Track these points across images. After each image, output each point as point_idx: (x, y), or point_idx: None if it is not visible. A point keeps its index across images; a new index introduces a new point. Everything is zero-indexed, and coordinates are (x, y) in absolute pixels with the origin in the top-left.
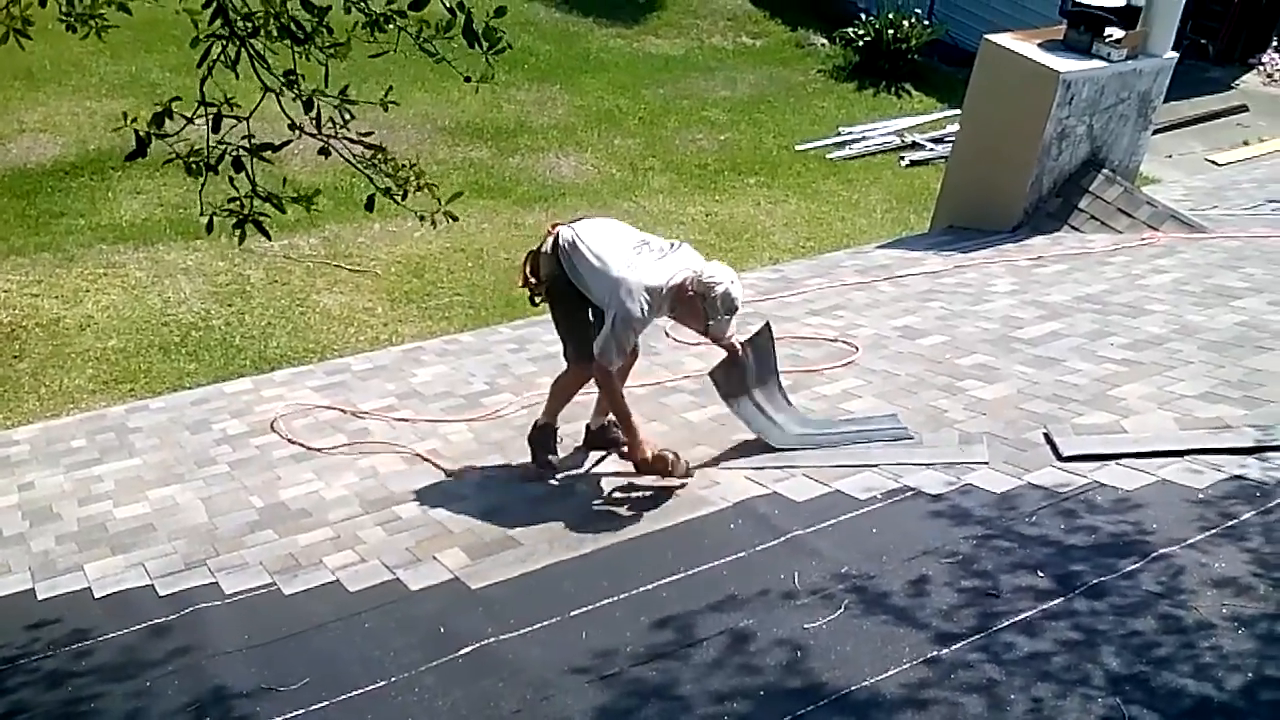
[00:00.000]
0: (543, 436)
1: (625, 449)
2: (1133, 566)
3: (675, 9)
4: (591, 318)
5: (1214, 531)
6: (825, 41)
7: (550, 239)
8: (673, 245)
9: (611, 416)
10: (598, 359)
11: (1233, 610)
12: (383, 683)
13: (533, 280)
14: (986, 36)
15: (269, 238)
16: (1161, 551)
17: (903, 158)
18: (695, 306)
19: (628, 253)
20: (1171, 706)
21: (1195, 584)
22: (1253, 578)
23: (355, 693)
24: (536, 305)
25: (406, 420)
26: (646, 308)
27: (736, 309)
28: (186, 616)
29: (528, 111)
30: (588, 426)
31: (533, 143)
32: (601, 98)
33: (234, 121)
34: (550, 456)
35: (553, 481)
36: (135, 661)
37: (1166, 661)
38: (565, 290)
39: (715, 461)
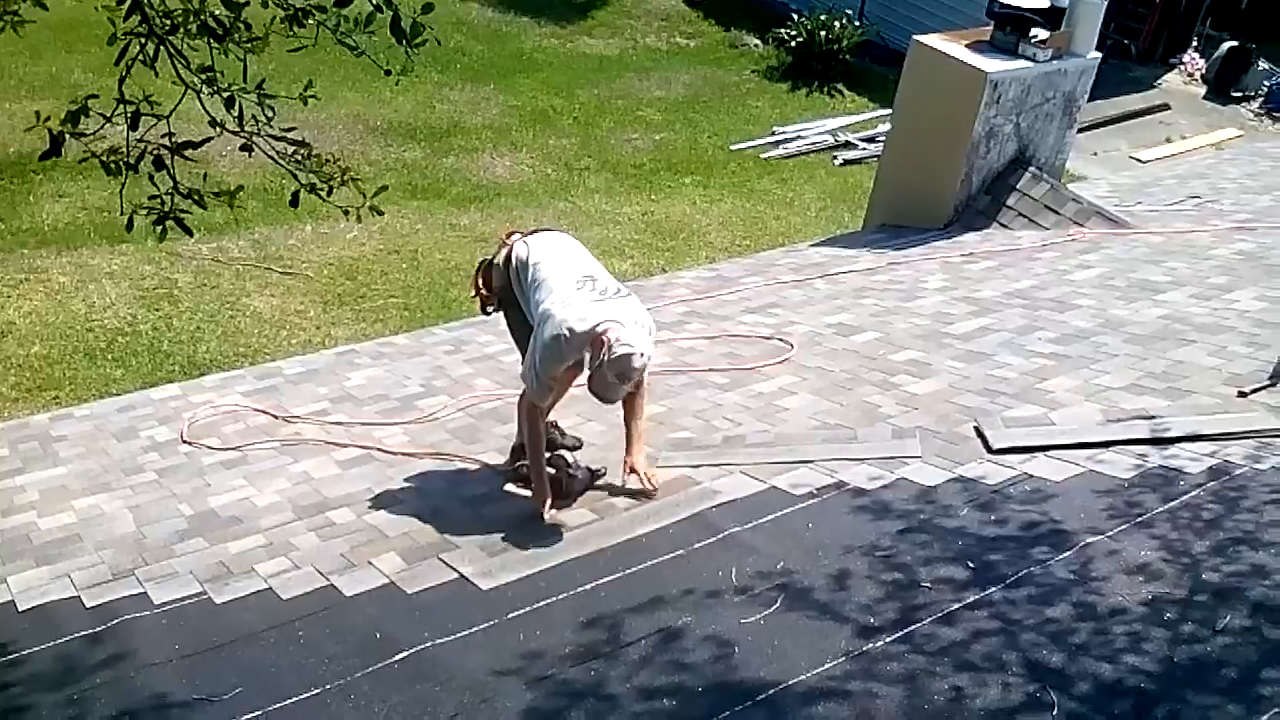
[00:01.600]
0: (517, 458)
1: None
2: (1061, 556)
3: (609, 9)
4: None
5: (1139, 520)
6: (758, 42)
7: (504, 251)
8: (617, 291)
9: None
10: (524, 386)
11: (1151, 595)
12: (317, 690)
13: (484, 291)
14: (915, 37)
15: (191, 234)
16: (1089, 540)
17: (836, 157)
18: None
19: (569, 285)
20: (1099, 692)
21: (1119, 571)
22: (1167, 565)
23: (289, 701)
24: (489, 315)
25: (340, 424)
26: (566, 346)
27: (624, 376)
28: (115, 627)
29: (461, 112)
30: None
31: (467, 143)
32: (536, 98)
33: (155, 120)
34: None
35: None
36: (62, 674)
37: (1086, 648)
38: (515, 304)
39: (653, 460)
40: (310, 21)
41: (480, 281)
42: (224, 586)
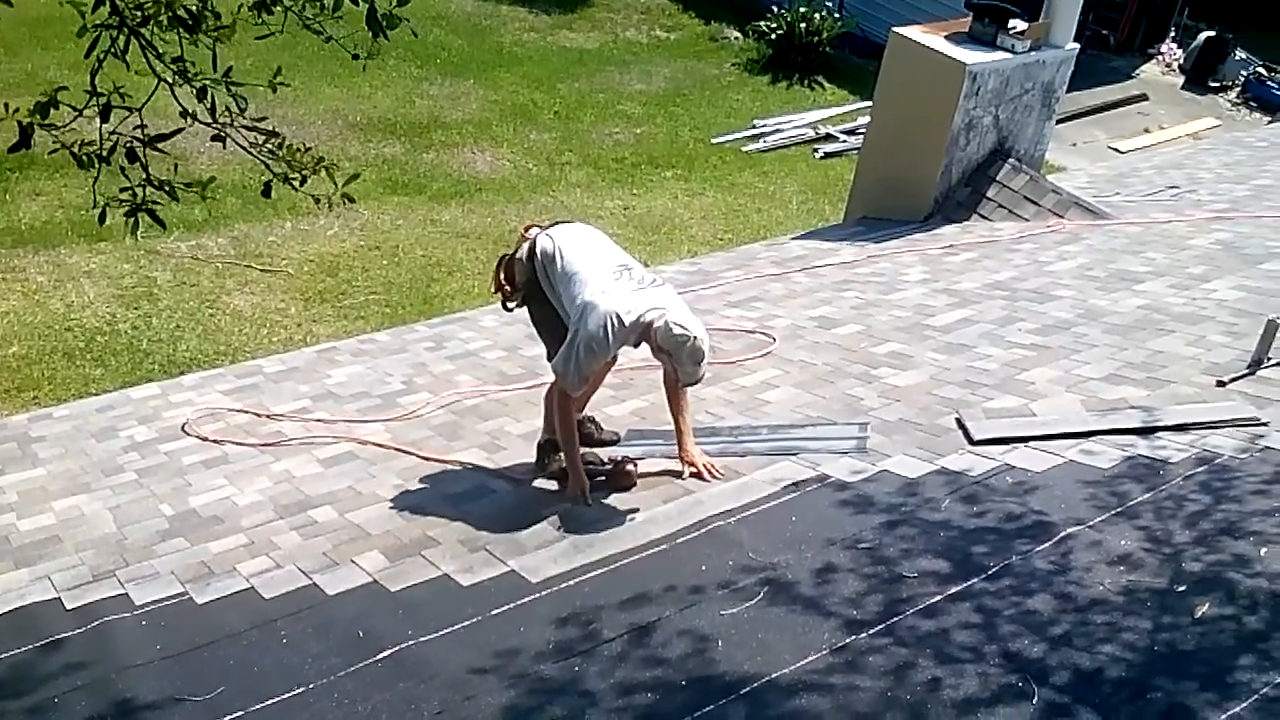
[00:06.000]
0: (544, 455)
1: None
2: (1041, 547)
3: (589, 3)
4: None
5: (1116, 510)
6: (738, 35)
7: (526, 245)
8: (654, 281)
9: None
10: (557, 377)
11: (1131, 585)
12: (301, 689)
13: (507, 286)
14: (894, 29)
15: (164, 226)
16: (1069, 531)
17: (817, 149)
18: (663, 355)
19: (606, 276)
20: (1082, 683)
21: (1099, 562)
22: (1147, 554)
23: (272, 700)
24: (510, 310)
25: (322, 421)
26: (612, 337)
27: (701, 360)
28: (96, 629)
29: (441, 106)
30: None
31: (447, 138)
32: (516, 92)
33: (127, 113)
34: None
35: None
36: (39, 676)
37: (1068, 638)
38: (542, 297)
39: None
40: (278, 8)
41: (502, 276)
42: (205, 586)
